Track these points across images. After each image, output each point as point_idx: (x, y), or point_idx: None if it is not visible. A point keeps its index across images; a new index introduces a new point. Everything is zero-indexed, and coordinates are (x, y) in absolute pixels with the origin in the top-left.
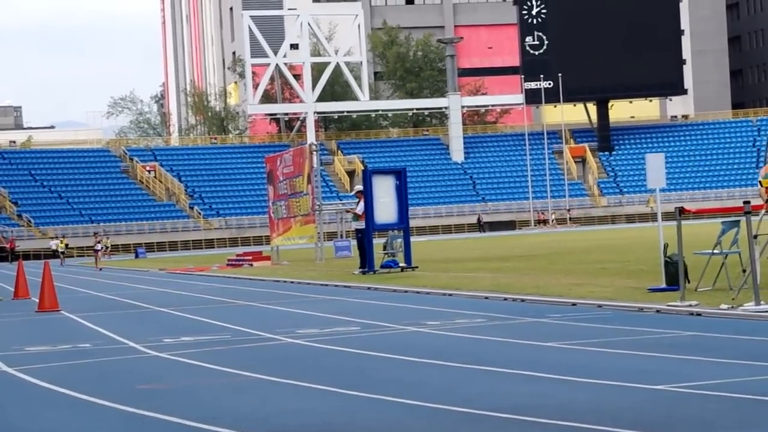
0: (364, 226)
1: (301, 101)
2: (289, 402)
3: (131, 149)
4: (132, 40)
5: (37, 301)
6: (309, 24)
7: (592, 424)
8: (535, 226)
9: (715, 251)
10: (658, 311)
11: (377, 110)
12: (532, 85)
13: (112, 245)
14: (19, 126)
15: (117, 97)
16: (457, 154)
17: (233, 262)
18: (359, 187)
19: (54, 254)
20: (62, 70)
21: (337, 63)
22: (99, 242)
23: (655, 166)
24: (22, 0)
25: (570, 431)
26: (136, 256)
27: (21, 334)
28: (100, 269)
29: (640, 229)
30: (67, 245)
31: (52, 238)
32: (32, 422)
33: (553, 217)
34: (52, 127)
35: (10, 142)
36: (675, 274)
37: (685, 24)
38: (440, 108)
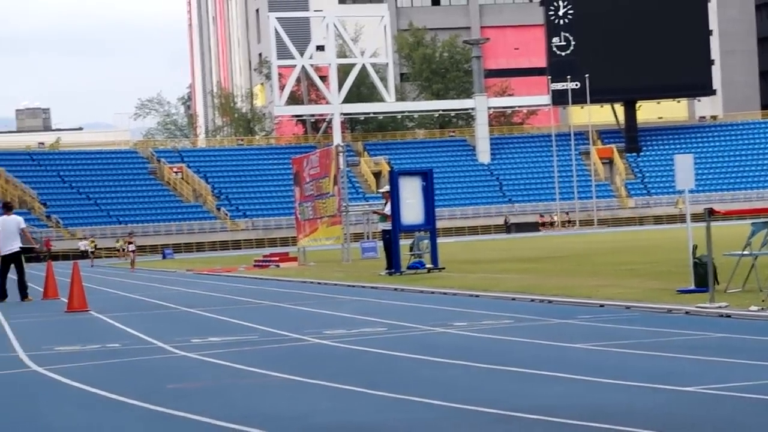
0: (390, 227)
1: (328, 103)
2: (318, 402)
3: (159, 151)
4: (159, 43)
5: (66, 301)
6: (335, 25)
7: (620, 425)
8: (539, 228)
9: (745, 252)
10: (687, 313)
11: (403, 111)
12: (559, 86)
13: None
14: (47, 128)
15: (144, 99)
16: (484, 155)
17: (260, 263)
18: (386, 187)
19: (83, 255)
20: (90, 72)
21: (363, 64)
22: (131, 243)
23: (684, 166)
24: (52, 3)
25: None
26: (164, 257)
27: (51, 334)
28: (134, 270)
29: (668, 230)
30: (95, 246)
31: (80, 238)
32: (63, 421)
33: (557, 218)
34: (81, 128)
35: (39, 143)
36: (704, 276)
37: (713, 24)
38: (466, 109)
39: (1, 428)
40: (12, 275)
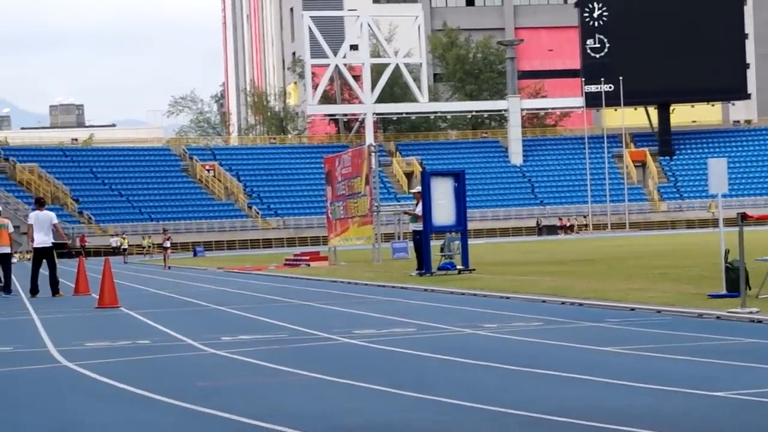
0: (421, 228)
1: (360, 102)
2: (346, 401)
3: (191, 148)
4: (193, 41)
5: (97, 297)
6: (369, 25)
7: (649, 430)
8: (558, 231)
9: None
10: (718, 317)
11: (436, 112)
12: (593, 88)
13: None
14: (81, 124)
15: (177, 97)
16: (516, 156)
17: (290, 262)
18: (418, 188)
19: (114, 251)
20: (124, 69)
21: (397, 64)
22: (168, 239)
23: (718, 170)
24: (86, 2)
25: None
26: (195, 255)
27: (81, 330)
28: (169, 268)
29: (701, 234)
30: (128, 243)
31: (111, 235)
32: (92, 417)
33: (576, 222)
34: (114, 125)
35: (73, 140)
36: (736, 281)
37: (749, 27)
38: (499, 110)
39: (31, 423)
40: (44, 270)
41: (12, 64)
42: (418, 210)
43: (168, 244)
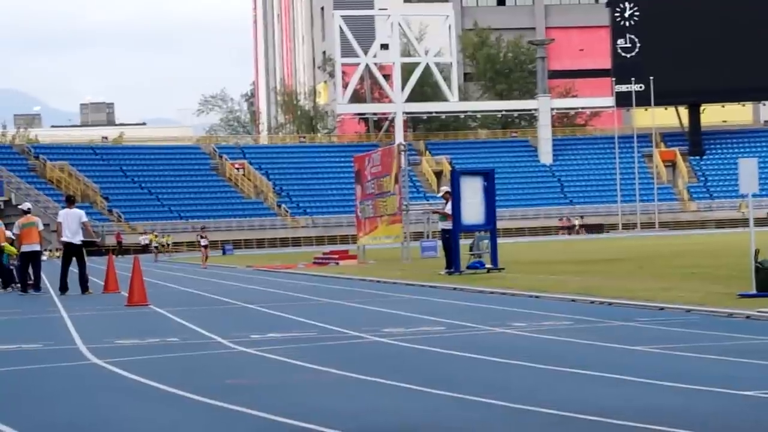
0: (450, 227)
1: (390, 101)
2: (375, 400)
3: (221, 147)
4: (224, 39)
5: (126, 295)
6: (399, 24)
7: (679, 429)
8: (558, 232)
9: None
10: (748, 317)
11: (466, 111)
12: (623, 87)
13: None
14: (111, 122)
15: (208, 95)
16: (546, 156)
17: (320, 261)
18: (446, 188)
19: (144, 249)
20: (154, 68)
21: (427, 63)
22: (204, 237)
23: (748, 170)
24: (118, 1)
25: None
26: (224, 253)
27: (111, 328)
28: (206, 267)
29: (730, 234)
30: (159, 241)
31: (141, 233)
32: (122, 414)
33: (577, 223)
34: (144, 123)
35: (103, 138)
36: (766, 280)
37: None
38: (529, 110)
39: (60, 420)
40: (73, 268)
41: (43, 63)
42: (448, 209)
43: (205, 242)
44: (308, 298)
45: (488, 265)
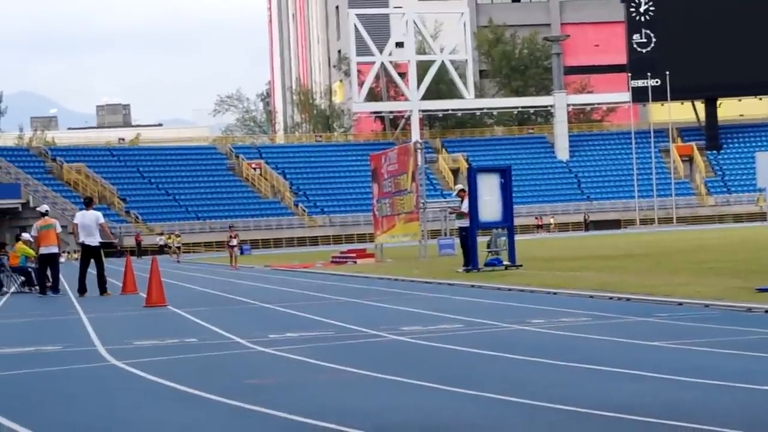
0: (467, 224)
1: (406, 99)
2: (394, 398)
3: (237, 147)
4: (239, 40)
5: (145, 296)
6: (414, 22)
7: (698, 424)
8: (536, 230)
9: None
10: (766, 311)
11: (482, 108)
12: (639, 83)
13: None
14: (127, 124)
15: (224, 95)
16: (563, 152)
17: (337, 260)
18: (460, 186)
19: (160, 250)
20: (170, 69)
21: (443, 61)
22: (235, 237)
23: (766, 164)
24: (133, 3)
25: (676, 430)
26: (241, 253)
27: (129, 329)
28: (237, 268)
29: (749, 228)
30: (180, 241)
31: (159, 234)
32: (141, 415)
33: (552, 221)
34: (160, 124)
35: (119, 139)
36: None
37: None
38: (546, 106)
39: (79, 421)
40: (92, 270)
41: (59, 65)
42: (464, 207)
43: (235, 242)
44: (326, 297)
45: (506, 262)
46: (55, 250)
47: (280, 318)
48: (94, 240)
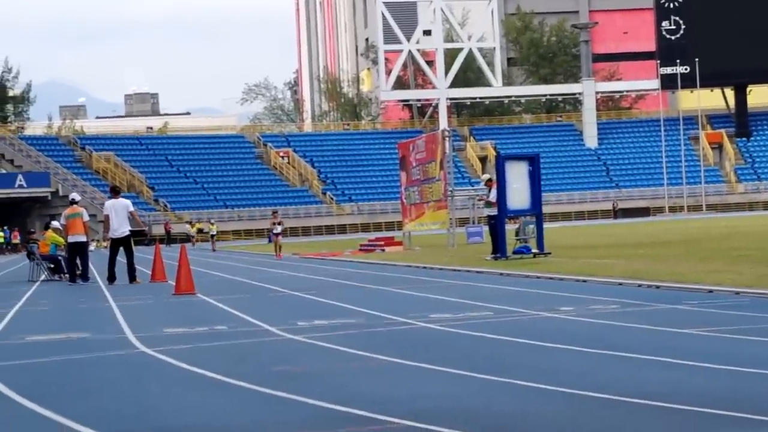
0: (496, 212)
1: (434, 87)
2: (424, 386)
3: (265, 135)
4: (267, 28)
5: (174, 284)
6: (442, 10)
7: (729, 411)
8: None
9: None
10: None
11: (510, 96)
12: (668, 70)
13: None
14: (155, 112)
15: (252, 84)
16: (591, 140)
17: (366, 248)
18: (487, 175)
19: (188, 238)
20: (198, 57)
21: (470, 49)
22: (279, 223)
23: None
24: None
25: (707, 418)
26: (269, 241)
27: (159, 317)
28: (281, 257)
29: None
30: (199, 230)
31: (188, 222)
32: (172, 402)
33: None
34: (188, 113)
35: (148, 128)
36: None
37: None
38: (574, 94)
39: (111, 408)
40: (121, 258)
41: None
42: (492, 197)
43: (279, 228)
44: (355, 285)
45: (534, 250)
46: (83, 238)
47: (310, 306)
48: (126, 229)
